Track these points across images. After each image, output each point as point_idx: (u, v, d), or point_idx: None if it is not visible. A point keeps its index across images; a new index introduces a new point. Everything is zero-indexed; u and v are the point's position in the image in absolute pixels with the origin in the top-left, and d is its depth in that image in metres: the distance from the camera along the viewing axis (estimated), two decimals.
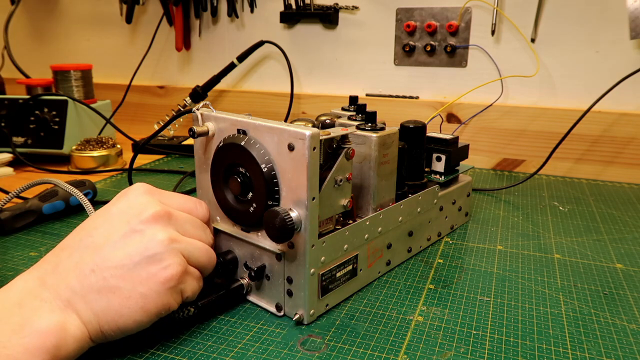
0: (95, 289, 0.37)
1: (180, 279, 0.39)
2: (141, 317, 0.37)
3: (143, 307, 0.37)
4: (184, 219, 0.43)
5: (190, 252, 0.41)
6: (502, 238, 0.65)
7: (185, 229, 0.42)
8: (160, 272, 0.38)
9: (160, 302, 0.38)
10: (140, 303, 0.37)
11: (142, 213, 0.39)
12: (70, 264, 0.37)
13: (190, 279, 0.40)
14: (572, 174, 0.93)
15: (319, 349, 0.41)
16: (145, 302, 0.37)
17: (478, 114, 0.96)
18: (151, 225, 0.39)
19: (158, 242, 0.38)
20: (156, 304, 0.38)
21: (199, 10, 1.15)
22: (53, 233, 0.64)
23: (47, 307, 0.35)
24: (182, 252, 0.40)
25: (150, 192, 0.42)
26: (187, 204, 0.45)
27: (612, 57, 0.89)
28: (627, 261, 0.58)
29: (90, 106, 1.00)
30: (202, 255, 0.42)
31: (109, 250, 0.38)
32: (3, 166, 0.90)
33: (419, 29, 0.99)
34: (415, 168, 0.59)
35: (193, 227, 0.43)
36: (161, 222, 0.40)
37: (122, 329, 0.37)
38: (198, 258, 0.42)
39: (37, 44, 1.38)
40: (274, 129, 0.42)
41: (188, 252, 0.41)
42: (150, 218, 0.39)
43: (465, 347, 0.42)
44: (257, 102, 1.14)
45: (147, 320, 0.38)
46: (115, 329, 0.37)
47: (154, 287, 0.37)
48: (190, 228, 0.43)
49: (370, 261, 0.51)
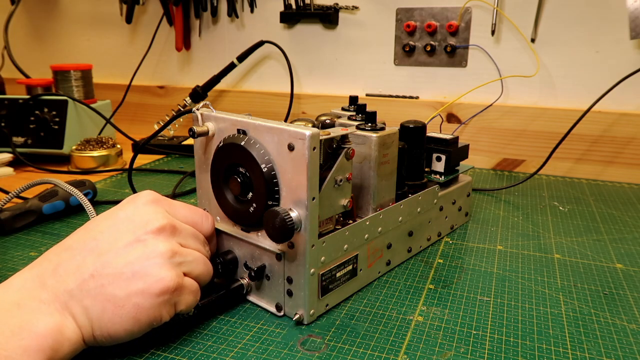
0: (92, 294, 0.37)
1: (175, 292, 0.39)
2: (132, 326, 0.38)
3: (135, 317, 0.37)
4: (188, 233, 0.43)
5: (189, 263, 0.41)
6: (502, 238, 0.65)
7: (187, 242, 0.42)
8: (156, 284, 0.38)
9: (152, 313, 0.38)
10: (133, 313, 0.37)
11: (148, 224, 0.40)
12: (71, 266, 0.38)
13: (185, 293, 0.40)
14: (572, 174, 0.93)
15: (319, 349, 0.41)
16: (137, 312, 0.37)
17: (478, 114, 0.96)
18: (154, 237, 0.40)
19: (158, 254, 0.39)
20: (148, 315, 0.38)
21: (199, 10, 1.15)
22: (53, 233, 0.64)
23: (46, 309, 0.35)
24: (182, 265, 0.40)
25: (158, 201, 0.43)
26: (193, 217, 0.45)
27: (612, 57, 0.89)
28: (627, 261, 0.58)
29: (90, 106, 1.00)
30: (201, 266, 0.43)
31: (112, 257, 0.38)
32: (3, 166, 0.90)
33: (419, 29, 0.99)
34: (415, 168, 0.59)
35: (195, 240, 0.44)
36: (165, 234, 0.40)
37: (113, 337, 0.38)
38: (197, 269, 0.42)
39: (37, 44, 1.38)
40: (274, 129, 0.42)
41: (188, 265, 0.41)
42: (155, 229, 0.40)
43: (465, 347, 0.42)
44: (257, 102, 1.14)
45: (138, 330, 0.38)
46: (107, 336, 0.37)
47: (148, 298, 0.38)
48: (192, 242, 0.43)
49: (370, 261, 0.51)
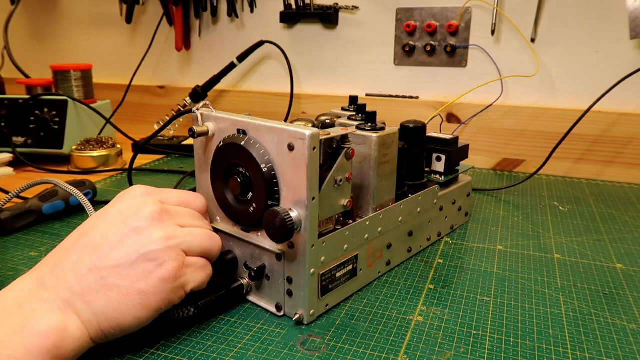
0: (93, 288, 0.37)
1: (179, 274, 0.39)
2: (140, 312, 0.37)
3: (142, 303, 0.37)
4: (182, 213, 0.43)
5: (190, 242, 0.41)
6: (502, 238, 0.65)
7: (184, 221, 0.43)
8: (157, 270, 0.38)
9: (159, 297, 0.38)
10: (139, 299, 0.37)
11: (138, 213, 0.40)
12: (68, 264, 0.38)
13: (191, 271, 0.41)
14: (572, 174, 0.93)
15: (319, 349, 0.41)
16: (144, 298, 0.37)
17: (478, 114, 0.96)
18: (148, 224, 0.40)
19: (154, 241, 0.39)
20: (155, 299, 0.38)
21: (199, 10, 1.15)
22: (53, 233, 0.64)
23: (47, 308, 0.35)
24: (181, 246, 0.40)
25: (148, 192, 0.43)
26: (184, 197, 0.46)
27: (612, 57, 0.89)
28: (627, 261, 0.58)
29: (90, 106, 1.00)
30: (205, 241, 0.43)
31: (107, 249, 0.38)
32: (3, 166, 0.90)
33: (419, 29, 0.99)
34: (415, 168, 0.59)
35: (192, 218, 0.44)
36: (157, 221, 0.40)
37: (121, 326, 0.37)
38: (200, 245, 0.42)
39: (37, 44, 1.38)
40: (274, 129, 0.42)
41: (188, 244, 0.41)
42: (148, 216, 0.40)
43: (465, 347, 0.42)
44: (257, 102, 1.14)
45: (147, 316, 0.38)
46: (115, 326, 0.37)
47: (152, 283, 0.38)
48: (190, 219, 0.44)
49: (370, 261, 0.51)
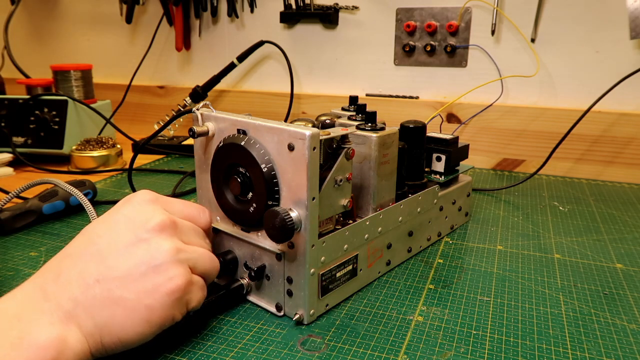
0: (99, 300, 0.36)
1: (186, 290, 0.38)
2: (144, 329, 0.37)
3: (147, 319, 0.36)
4: (188, 228, 0.42)
5: (195, 260, 0.40)
6: (502, 238, 0.65)
7: (189, 238, 0.42)
8: (166, 283, 0.37)
9: (164, 314, 0.37)
10: (145, 315, 0.36)
11: (147, 222, 0.39)
12: (73, 273, 0.36)
13: (195, 289, 0.40)
14: (572, 174, 0.93)
15: (319, 349, 0.41)
16: (150, 314, 0.36)
17: (478, 114, 0.96)
18: (157, 235, 0.39)
19: (164, 252, 0.38)
20: (160, 316, 0.37)
21: (199, 10, 1.15)
22: (53, 233, 0.64)
23: (47, 320, 0.34)
24: (188, 261, 0.40)
25: (155, 200, 0.42)
26: (190, 212, 0.45)
27: (612, 57, 0.89)
28: (627, 261, 0.58)
29: (90, 106, 1.00)
30: (207, 263, 0.42)
31: (114, 259, 0.37)
32: (3, 166, 0.90)
33: (419, 29, 0.99)
34: (415, 168, 0.59)
35: (196, 235, 0.43)
36: (167, 232, 0.39)
37: (123, 342, 0.36)
38: (203, 265, 0.41)
39: (37, 44, 1.38)
40: (274, 129, 0.42)
41: (193, 261, 0.40)
42: (156, 227, 0.39)
43: (465, 347, 0.42)
44: (257, 102, 1.14)
45: (150, 333, 0.37)
46: (117, 341, 0.36)
47: (160, 298, 0.37)
48: (194, 237, 0.43)
49: (370, 261, 0.51)
